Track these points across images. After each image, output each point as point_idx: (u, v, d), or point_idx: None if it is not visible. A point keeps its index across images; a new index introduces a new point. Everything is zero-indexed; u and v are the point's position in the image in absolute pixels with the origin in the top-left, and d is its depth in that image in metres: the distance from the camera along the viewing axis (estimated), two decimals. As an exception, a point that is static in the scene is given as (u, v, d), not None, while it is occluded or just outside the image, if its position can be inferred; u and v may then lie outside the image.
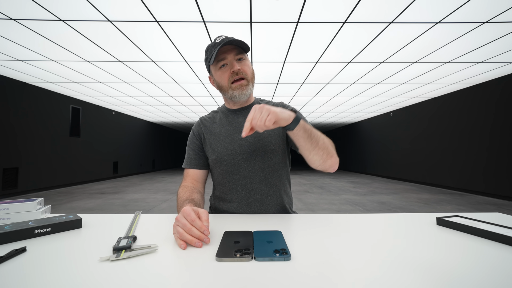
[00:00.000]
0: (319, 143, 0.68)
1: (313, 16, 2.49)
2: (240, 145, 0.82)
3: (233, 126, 0.86)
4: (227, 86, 0.81)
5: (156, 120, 9.82)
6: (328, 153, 0.71)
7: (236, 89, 0.80)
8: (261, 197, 0.81)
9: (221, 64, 0.80)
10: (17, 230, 0.52)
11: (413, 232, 0.59)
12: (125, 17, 2.49)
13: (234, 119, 0.88)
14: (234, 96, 0.81)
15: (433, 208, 3.67)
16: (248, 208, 0.81)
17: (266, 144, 0.82)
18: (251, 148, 0.82)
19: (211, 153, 0.86)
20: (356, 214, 0.75)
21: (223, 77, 0.81)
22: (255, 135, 0.82)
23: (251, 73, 0.83)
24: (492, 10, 2.35)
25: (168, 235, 0.56)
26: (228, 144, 0.83)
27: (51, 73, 4.24)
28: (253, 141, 0.82)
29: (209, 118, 0.93)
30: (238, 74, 0.79)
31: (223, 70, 0.81)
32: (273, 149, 0.82)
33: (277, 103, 0.90)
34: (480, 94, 4.80)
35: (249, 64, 0.84)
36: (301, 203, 3.94)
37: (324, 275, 0.38)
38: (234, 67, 0.79)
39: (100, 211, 3.49)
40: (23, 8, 2.32)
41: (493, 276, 0.37)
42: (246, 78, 0.81)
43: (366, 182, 6.86)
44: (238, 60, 0.80)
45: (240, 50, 0.80)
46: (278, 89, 5.23)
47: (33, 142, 4.97)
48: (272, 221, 0.68)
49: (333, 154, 0.72)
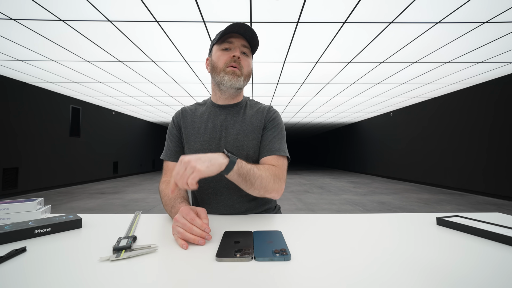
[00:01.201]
0: (255, 184, 0.66)
1: (313, 16, 2.49)
2: (217, 145, 0.80)
3: (215, 123, 0.82)
4: (221, 67, 0.77)
5: (156, 120, 9.82)
6: (266, 190, 0.69)
7: (228, 73, 0.77)
8: (232, 202, 0.79)
9: (225, 47, 0.78)
10: (17, 230, 0.52)
11: (413, 232, 0.59)
12: (125, 17, 2.49)
13: (217, 116, 0.84)
14: (223, 80, 0.77)
15: (433, 208, 3.67)
16: (218, 211, 0.79)
17: (242, 148, 0.79)
18: (227, 150, 0.78)
19: (186, 148, 0.83)
20: (356, 214, 0.75)
21: (221, 58, 0.78)
22: (232, 137, 0.80)
23: (247, 70, 0.80)
24: (492, 10, 2.35)
25: (168, 235, 0.56)
26: (206, 142, 0.80)
27: (51, 73, 4.24)
28: (230, 143, 0.79)
29: (191, 110, 0.88)
30: (236, 62, 0.77)
31: (225, 52, 0.78)
32: (247, 154, 0.79)
33: (265, 107, 0.87)
34: (480, 94, 4.80)
35: (251, 62, 0.82)
36: (301, 203, 3.94)
37: (324, 275, 0.38)
38: (237, 52, 0.77)
39: (100, 211, 3.49)
40: (23, 8, 2.32)
41: (493, 276, 0.37)
42: (241, 71, 0.78)
43: (366, 182, 6.86)
44: (242, 53, 0.79)
45: (248, 46, 0.80)
46: (278, 89, 5.23)
47: (33, 142, 4.97)
48: (272, 221, 0.68)
49: (272, 190, 0.70)
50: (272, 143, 0.79)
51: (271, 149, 0.78)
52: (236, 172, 0.62)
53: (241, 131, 0.81)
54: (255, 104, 0.89)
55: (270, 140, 0.80)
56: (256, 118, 0.83)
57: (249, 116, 0.84)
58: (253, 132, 0.81)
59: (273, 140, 0.80)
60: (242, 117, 0.83)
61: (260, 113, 0.84)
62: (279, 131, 0.82)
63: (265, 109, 0.86)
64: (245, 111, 0.85)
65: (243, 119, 0.83)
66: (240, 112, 0.84)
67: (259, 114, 0.84)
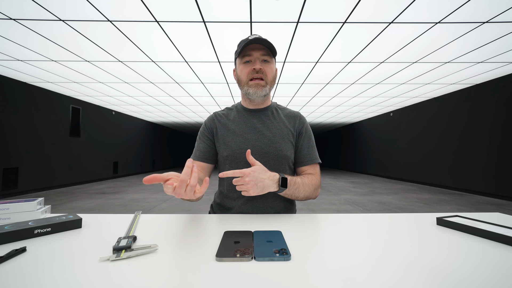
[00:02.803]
0: (299, 197, 0.79)
1: (313, 16, 2.49)
2: (253, 145, 0.84)
3: (248, 126, 0.87)
4: (245, 81, 0.84)
5: (156, 120, 9.82)
6: (308, 198, 0.82)
7: (251, 87, 0.83)
8: (266, 200, 0.82)
9: (246, 60, 0.83)
10: (17, 230, 0.52)
11: (413, 232, 0.59)
12: (125, 17, 2.49)
13: (249, 119, 0.89)
14: (249, 93, 0.84)
15: (433, 208, 3.67)
16: (252, 208, 0.82)
17: (280, 149, 0.84)
18: (264, 150, 0.83)
19: (224, 149, 0.86)
20: (356, 214, 0.75)
21: (244, 72, 0.83)
22: (268, 138, 0.85)
23: (272, 76, 0.85)
24: (492, 10, 2.35)
25: (168, 235, 0.56)
26: (242, 142, 0.84)
27: (51, 73, 4.24)
28: (267, 144, 0.84)
29: (224, 114, 0.94)
30: (258, 73, 0.82)
31: (246, 65, 0.83)
32: (285, 155, 0.84)
33: (295, 112, 0.93)
34: (480, 94, 4.80)
35: (273, 67, 0.85)
36: (301, 203, 3.94)
37: (324, 275, 0.38)
38: (256, 65, 0.81)
39: (100, 211, 3.49)
40: (23, 8, 2.32)
41: (493, 276, 0.37)
42: (265, 79, 0.83)
43: (366, 182, 6.86)
44: (263, 61, 0.83)
45: (267, 52, 0.82)
46: (278, 89, 5.23)
47: (33, 142, 4.97)
48: (272, 221, 0.68)
49: (313, 197, 0.83)
50: (309, 152, 0.88)
51: (311, 158, 0.88)
52: (285, 193, 0.75)
53: (277, 133, 0.86)
54: (284, 109, 0.95)
55: (308, 148, 0.88)
56: (288, 122, 0.90)
57: (281, 119, 0.90)
58: (288, 135, 0.87)
59: (310, 149, 0.88)
60: (275, 120, 0.89)
61: (292, 118, 0.91)
62: (312, 139, 0.91)
63: (297, 115, 0.93)
64: (277, 114, 0.91)
65: (277, 122, 0.89)
66: (272, 116, 0.91)
67: (291, 119, 0.91)
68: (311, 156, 0.87)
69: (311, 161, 0.87)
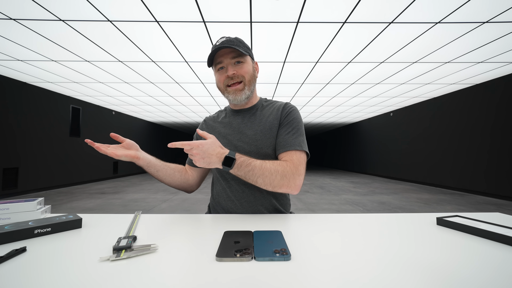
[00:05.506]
0: (258, 182, 0.71)
1: (313, 16, 2.49)
2: (235, 146, 0.84)
3: (232, 126, 0.89)
4: (223, 88, 0.84)
5: (156, 120, 9.82)
6: (273, 186, 0.72)
7: (230, 93, 0.83)
8: (254, 198, 0.83)
9: (219, 67, 0.82)
10: (17, 230, 0.52)
11: (413, 232, 0.59)
12: (124, 17, 2.48)
13: (234, 119, 0.90)
14: (229, 99, 0.86)
15: (433, 208, 3.67)
16: (242, 207, 0.83)
17: (260, 147, 0.83)
18: (246, 149, 0.83)
19: None
20: (356, 214, 0.75)
21: (220, 80, 0.83)
22: (250, 137, 0.84)
23: (249, 75, 0.83)
24: (492, 10, 2.35)
25: (168, 235, 0.56)
26: (225, 144, 0.85)
27: (51, 73, 4.24)
28: (248, 143, 0.84)
29: (213, 117, 0.97)
30: (234, 78, 0.81)
31: (220, 72, 0.83)
32: (266, 153, 0.82)
33: (281, 104, 0.90)
34: (480, 94, 4.79)
35: (248, 66, 0.83)
36: (301, 203, 3.94)
37: (324, 275, 0.38)
38: (229, 71, 0.80)
39: (100, 211, 3.49)
40: (23, 8, 2.32)
41: (493, 276, 0.37)
42: (243, 81, 0.82)
43: (366, 182, 6.86)
44: (236, 64, 0.81)
45: (238, 53, 0.80)
46: (278, 89, 5.23)
47: (33, 142, 4.97)
48: (272, 221, 0.68)
49: (281, 186, 0.72)
50: (285, 139, 0.81)
51: (284, 145, 0.80)
52: (236, 174, 0.70)
53: (258, 131, 0.84)
54: (272, 103, 0.92)
55: (284, 136, 0.82)
56: (272, 116, 0.86)
57: (266, 115, 0.87)
58: (270, 130, 0.84)
59: (287, 135, 0.81)
60: (258, 118, 0.87)
61: (276, 111, 0.87)
62: (294, 126, 0.82)
63: (281, 106, 0.88)
64: (261, 112, 0.89)
65: (260, 120, 0.87)
66: (256, 114, 0.89)
67: (275, 112, 0.87)
68: (286, 143, 0.80)
69: (286, 147, 0.79)
